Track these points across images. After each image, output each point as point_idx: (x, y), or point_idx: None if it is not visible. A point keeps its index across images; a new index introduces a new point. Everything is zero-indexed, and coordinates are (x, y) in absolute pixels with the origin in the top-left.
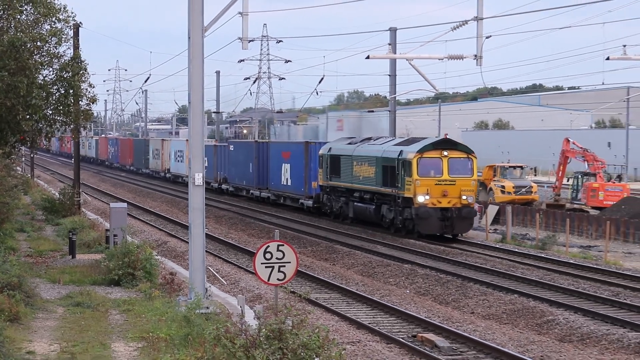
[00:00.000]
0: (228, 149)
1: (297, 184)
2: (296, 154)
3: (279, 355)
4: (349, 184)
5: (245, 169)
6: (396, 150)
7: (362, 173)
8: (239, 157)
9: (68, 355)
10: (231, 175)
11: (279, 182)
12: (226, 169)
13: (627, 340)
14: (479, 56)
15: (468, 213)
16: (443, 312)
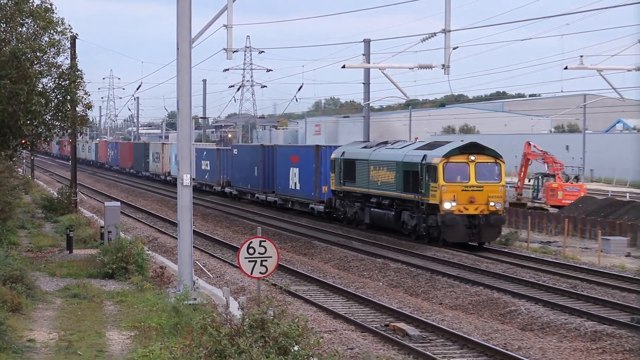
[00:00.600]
0: (231, 152)
1: (307, 189)
2: (306, 158)
3: (261, 343)
4: (365, 189)
5: (250, 172)
6: (419, 154)
7: (380, 178)
8: (243, 161)
9: (66, 343)
10: (235, 179)
11: (287, 186)
12: (229, 172)
13: (584, 329)
14: (446, 66)
15: (496, 220)
16: (413, 303)
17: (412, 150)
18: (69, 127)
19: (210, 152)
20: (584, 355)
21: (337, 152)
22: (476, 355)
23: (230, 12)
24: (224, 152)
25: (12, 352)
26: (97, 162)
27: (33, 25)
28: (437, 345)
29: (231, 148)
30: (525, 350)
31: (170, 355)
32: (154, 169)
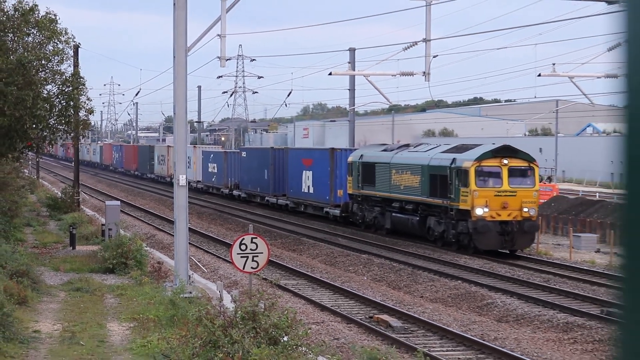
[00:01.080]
0: (240, 155)
1: (321, 192)
2: (320, 160)
3: (252, 334)
4: (386, 194)
5: (259, 175)
6: (447, 158)
7: (403, 182)
8: (252, 164)
9: (69, 334)
10: (244, 182)
11: (299, 190)
12: (238, 175)
13: (556, 320)
14: (427, 73)
15: (530, 227)
16: (396, 296)
17: (439, 154)
18: (72, 131)
19: (218, 154)
20: (557, 345)
21: (355, 155)
22: (455, 345)
23: (223, 23)
24: (232, 154)
25: (19, 342)
26: (101, 164)
27: (38, 35)
28: (419, 336)
29: (239, 151)
30: (501, 340)
31: (167, 346)
32: (159, 171)
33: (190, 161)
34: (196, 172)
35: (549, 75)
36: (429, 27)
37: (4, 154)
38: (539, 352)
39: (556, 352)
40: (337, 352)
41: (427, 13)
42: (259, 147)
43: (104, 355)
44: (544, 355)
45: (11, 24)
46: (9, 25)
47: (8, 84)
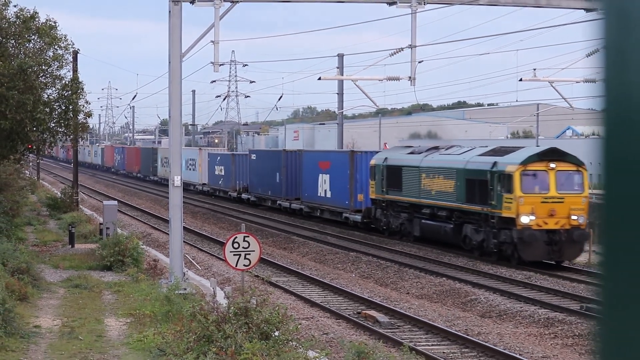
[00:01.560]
0: (249, 158)
1: (340, 197)
2: (338, 164)
3: (245, 329)
4: (415, 199)
5: (270, 178)
6: (487, 161)
7: (435, 187)
8: (262, 166)
9: (68, 329)
10: (253, 185)
11: (315, 194)
12: (247, 178)
13: (538, 316)
14: (412, 78)
15: (579, 236)
16: (383, 292)
17: (477, 157)
18: (71, 134)
19: (225, 157)
20: (538, 339)
21: (378, 158)
22: (440, 339)
23: (217, 30)
24: (240, 157)
25: (20, 337)
26: (103, 167)
27: (39, 41)
28: (405, 331)
29: (249, 153)
30: (484, 335)
31: (163, 340)
32: (162, 174)
33: (195, 163)
34: (202, 175)
35: (530, 80)
36: (414, 33)
37: (6, 155)
38: (521, 347)
39: (537, 346)
40: (327, 346)
41: (413, 20)
42: (270, 149)
43: (102, 350)
44: (526, 349)
45: (13, 30)
46: (11, 32)
47: (10, 88)
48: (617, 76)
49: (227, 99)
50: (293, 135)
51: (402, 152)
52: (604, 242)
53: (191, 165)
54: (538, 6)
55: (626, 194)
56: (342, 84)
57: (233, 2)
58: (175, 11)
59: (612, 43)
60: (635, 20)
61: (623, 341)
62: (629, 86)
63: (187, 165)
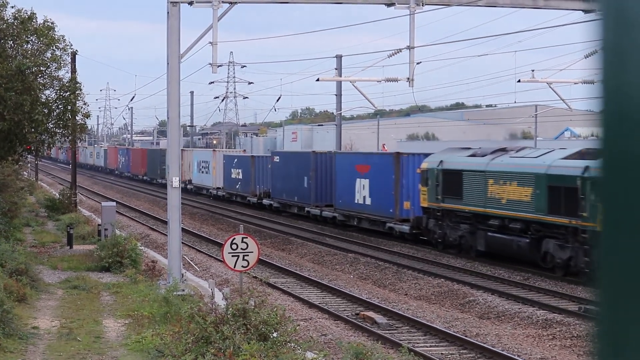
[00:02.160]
0: (272, 160)
1: (383, 204)
2: (380, 167)
3: (243, 330)
4: (480, 208)
5: (297, 183)
6: (576, 165)
7: (506, 195)
8: (288, 170)
9: (67, 330)
10: (276, 190)
11: (351, 201)
12: (268, 182)
13: (536, 317)
14: (411, 79)
15: None
16: (381, 293)
17: (561, 161)
18: (70, 135)
19: (243, 159)
20: (536, 341)
21: (431, 161)
22: (438, 341)
23: (215, 31)
24: (261, 159)
25: (18, 338)
26: (106, 169)
27: (37, 42)
28: (403, 332)
29: (271, 155)
30: (482, 336)
31: (161, 341)
32: None
33: (208, 166)
34: (216, 178)
35: (528, 81)
36: (412, 35)
37: (4, 156)
38: (519, 348)
39: (536, 347)
40: (325, 347)
41: (411, 21)
42: (297, 151)
43: (100, 351)
44: (524, 350)
45: (11, 31)
46: (9, 33)
47: (8, 89)
48: (616, 77)
49: (225, 100)
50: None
51: (460, 155)
52: (603, 242)
53: (204, 168)
54: (536, 7)
55: (625, 194)
56: (341, 85)
57: (231, 3)
58: (174, 12)
59: (611, 44)
60: (633, 21)
61: (621, 342)
62: (627, 87)
63: (200, 168)
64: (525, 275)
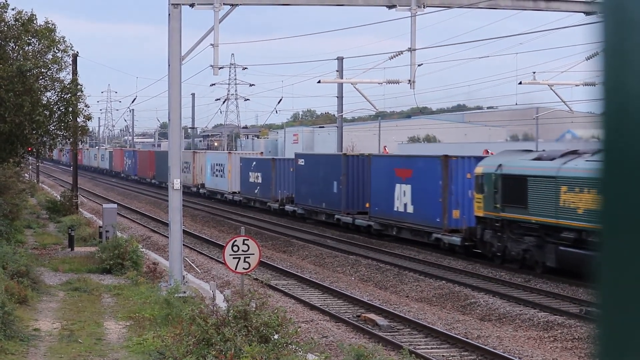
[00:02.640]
0: (296, 163)
1: (427, 213)
2: (424, 171)
3: (244, 332)
4: (551, 219)
5: (325, 188)
6: None
7: (583, 204)
8: (315, 174)
9: (68, 332)
10: (301, 195)
11: (390, 208)
12: (292, 186)
13: (537, 319)
14: (412, 81)
15: None
16: (383, 295)
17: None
18: (71, 136)
19: (263, 162)
20: (537, 343)
21: (488, 165)
22: (439, 343)
23: (216, 33)
24: (283, 162)
25: (19, 340)
26: (111, 171)
27: (38, 44)
28: (404, 334)
29: (295, 158)
30: (483, 338)
31: (162, 343)
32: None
33: (223, 169)
34: (231, 182)
35: (529, 83)
36: (414, 37)
37: (5, 158)
38: (521, 350)
39: (537, 349)
40: (326, 349)
41: (412, 23)
42: (325, 154)
43: (101, 353)
44: (526, 352)
45: (12, 33)
46: (10, 35)
47: (8, 91)
48: (617, 79)
49: (226, 102)
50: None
51: (523, 158)
52: (603, 245)
53: (218, 172)
54: (537, 9)
55: (625, 197)
56: (342, 87)
57: (232, 5)
58: (175, 14)
59: (612, 46)
60: (634, 23)
61: (622, 344)
62: (628, 89)
63: (213, 171)
64: (526, 277)
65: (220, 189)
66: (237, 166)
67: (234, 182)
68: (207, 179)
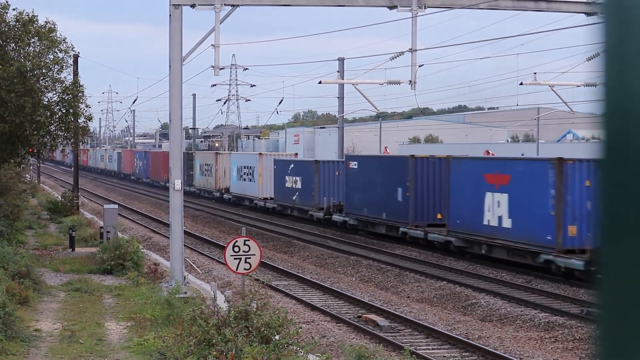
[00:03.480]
0: (346, 166)
1: (533, 228)
2: (528, 177)
3: (245, 332)
4: None
5: (386, 195)
6: None
7: None
8: (372, 179)
9: (69, 333)
10: (352, 203)
11: (477, 221)
12: (341, 193)
13: (538, 319)
14: (413, 81)
15: None
16: (383, 296)
17: None
18: (72, 137)
19: (303, 165)
20: (538, 343)
21: None
22: (440, 343)
23: (217, 33)
24: (329, 165)
25: (20, 341)
26: (120, 173)
27: (39, 45)
28: (405, 335)
29: (346, 160)
30: (484, 339)
31: (163, 344)
32: (202, 184)
33: (252, 172)
34: (263, 187)
35: (530, 84)
36: (415, 37)
37: (6, 159)
38: (522, 351)
39: (538, 350)
40: (327, 350)
41: (413, 24)
42: (385, 155)
43: (102, 353)
44: (527, 353)
45: (13, 34)
46: (11, 35)
47: (9, 91)
48: (618, 80)
49: (227, 103)
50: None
51: None
52: (604, 246)
53: (246, 175)
54: (538, 10)
55: (626, 197)
56: (343, 88)
57: (233, 6)
58: (176, 15)
59: (613, 47)
60: (635, 23)
61: (623, 345)
62: (629, 90)
63: (240, 175)
64: (527, 278)
65: (249, 195)
66: (270, 169)
67: (266, 187)
68: (232, 182)
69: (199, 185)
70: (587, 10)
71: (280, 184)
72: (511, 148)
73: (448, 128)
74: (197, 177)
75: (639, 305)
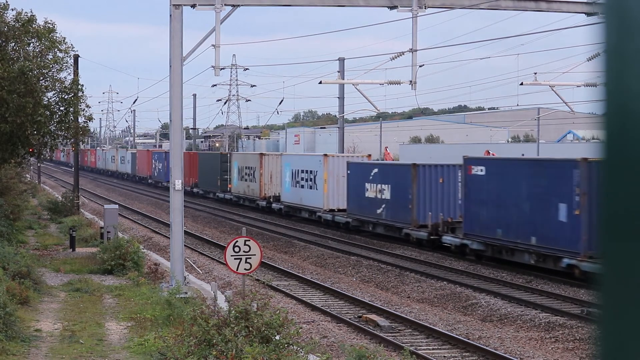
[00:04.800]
0: (467, 172)
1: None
2: None
3: (245, 332)
4: None
5: (536, 212)
6: None
7: None
8: (509, 189)
9: (69, 333)
10: (475, 221)
11: None
12: (453, 206)
13: (539, 320)
14: (413, 82)
15: None
16: (384, 296)
17: None
18: (72, 137)
19: (394, 170)
20: (539, 343)
21: None
22: (441, 343)
23: (217, 34)
24: (431, 170)
25: (21, 341)
26: (134, 176)
27: (39, 45)
28: (406, 335)
29: (464, 163)
30: (485, 339)
31: (164, 344)
32: (241, 190)
33: (314, 178)
34: (329, 196)
35: (530, 84)
36: (415, 37)
37: (7, 159)
38: (522, 351)
39: (538, 350)
40: (327, 350)
41: (414, 24)
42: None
43: (103, 354)
44: (527, 353)
45: (12, 34)
46: (11, 35)
47: (10, 92)
48: (618, 80)
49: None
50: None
51: None
52: (604, 245)
53: (305, 181)
54: (539, 10)
55: (627, 197)
56: (343, 88)
57: (234, 6)
58: (176, 15)
59: (613, 47)
60: (636, 23)
61: (624, 345)
62: (629, 90)
63: (296, 181)
64: (527, 278)
65: (309, 205)
66: (338, 174)
67: (335, 197)
68: (284, 190)
69: (238, 192)
70: (587, 10)
71: (356, 193)
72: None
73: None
74: (235, 182)
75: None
